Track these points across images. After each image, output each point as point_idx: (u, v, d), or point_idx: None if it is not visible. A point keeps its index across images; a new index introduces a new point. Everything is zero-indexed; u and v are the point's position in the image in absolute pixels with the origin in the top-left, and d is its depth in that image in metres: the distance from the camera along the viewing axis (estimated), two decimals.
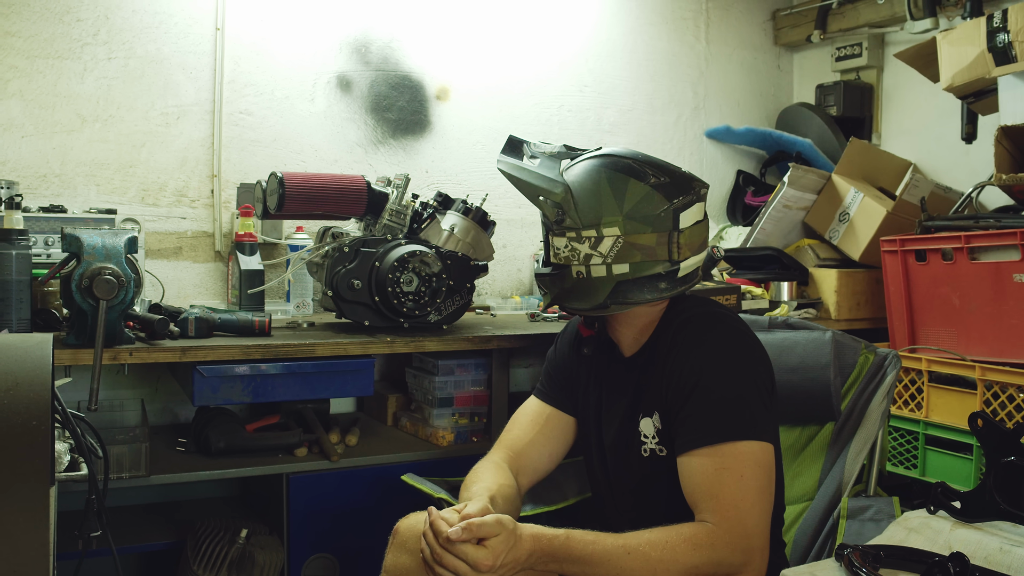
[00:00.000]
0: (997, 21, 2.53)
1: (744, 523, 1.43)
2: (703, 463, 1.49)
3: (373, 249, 2.29)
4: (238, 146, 2.89)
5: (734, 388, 1.52)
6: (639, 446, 1.66)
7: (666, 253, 1.58)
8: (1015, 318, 2.43)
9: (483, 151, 3.30)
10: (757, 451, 1.48)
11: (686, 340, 1.58)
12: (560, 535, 1.42)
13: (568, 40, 3.47)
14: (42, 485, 1.05)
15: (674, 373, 1.57)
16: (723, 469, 1.46)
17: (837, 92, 3.64)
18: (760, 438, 1.49)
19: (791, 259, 3.10)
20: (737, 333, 1.60)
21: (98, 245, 1.91)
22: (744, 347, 1.58)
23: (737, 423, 1.49)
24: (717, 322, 1.60)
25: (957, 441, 2.47)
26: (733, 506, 1.44)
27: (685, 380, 1.55)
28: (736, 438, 1.48)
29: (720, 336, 1.58)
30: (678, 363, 1.57)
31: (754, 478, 1.46)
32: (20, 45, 2.60)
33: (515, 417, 1.85)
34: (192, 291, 2.84)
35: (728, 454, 1.47)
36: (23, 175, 2.60)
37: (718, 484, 1.46)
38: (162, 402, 2.75)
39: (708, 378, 1.53)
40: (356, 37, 3.07)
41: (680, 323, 1.61)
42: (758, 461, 1.48)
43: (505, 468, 1.70)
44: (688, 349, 1.57)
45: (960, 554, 1.11)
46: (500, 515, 1.40)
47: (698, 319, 1.60)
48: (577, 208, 1.57)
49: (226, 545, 2.22)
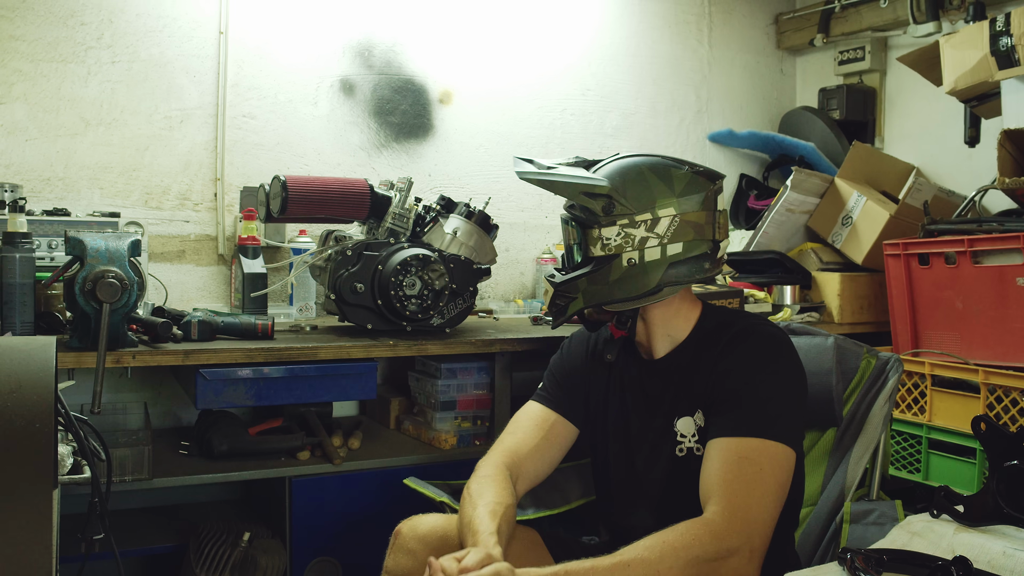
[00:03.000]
0: (1000, 25, 2.53)
1: (749, 510, 1.46)
2: (728, 448, 1.54)
3: (376, 253, 2.29)
4: (241, 149, 2.90)
5: (776, 394, 1.59)
6: (674, 446, 1.68)
7: (711, 232, 1.67)
8: (1018, 322, 2.43)
9: (486, 155, 3.30)
10: (781, 452, 1.54)
11: (746, 350, 1.64)
12: (559, 571, 1.41)
13: (571, 44, 3.47)
14: (45, 488, 1.05)
15: (727, 377, 1.62)
16: (745, 459, 1.51)
17: (840, 96, 3.64)
18: (788, 443, 1.55)
19: (794, 263, 3.09)
20: (792, 353, 1.66)
21: (101, 248, 1.92)
22: (794, 366, 1.65)
23: (771, 423, 1.54)
24: (778, 341, 1.67)
25: (960, 445, 2.47)
26: (744, 492, 1.48)
27: (736, 382, 1.60)
28: (766, 436, 1.53)
29: (778, 353, 1.65)
30: (732, 366, 1.63)
31: (772, 475, 1.51)
32: (24, 49, 2.60)
33: (516, 420, 1.85)
34: (195, 294, 2.84)
35: (755, 448, 1.52)
36: (27, 178, 2.60)
37: (736, 470, 1.50)
38: (165, 405, 2.75)
39: (755, 382, 1.59)
40: (359, 41, 3.07)
41: (740, 334, 1.66)
42: (780, 462, 1.53)
43: (506, 477, 1.69)
44: (745, 357, 1.63)
45: (963, 558, 1.11)
46: (498, 566, 1.39)
47: (759, 335, 1.66)
48: (627, 196, 1.63)
49: (228, 548, 2.22)
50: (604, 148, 3.49)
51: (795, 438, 1.59)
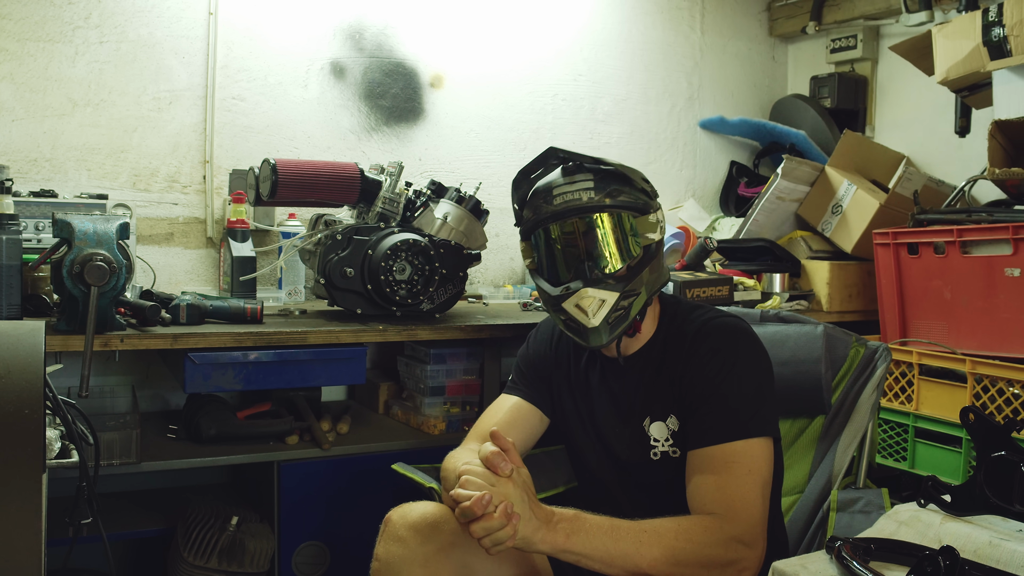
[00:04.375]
0: (993, 15, 2.52)
1: (750, 512, 1.49)
2: (714, 457, 1.55)
3: (366, 237, 2.28)
4: (230, 132, 2.88)
5: (746, 391, 1.59)
6: (648, 450, 1.69)
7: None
8: (1006, 312, 2.44)
9: (477, 139, 3.29)
10: (764, 446, 1.56)
11: (708, 349, 1.63)
12: (570, 510, 1.45)
13: (563, 29, 3.45)
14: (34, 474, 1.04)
15: (696, 380, 1.62)
16: (733, 464, 1.53)
17: (831, 84, 3.64)
18: (767, 434, 1.57)
19: (783, 251, 3.10)
20: (753, 342, 1.66)
21: (89, 231, 1.90)
22: (758, 354, 1.65)
23: (749, 422, 1.56)
24: (737, 332, 1.66)
25: (946, 434, 2.48)
26: (740, 497, 1.50)
27: (705, 386, 1.61)
28: (747, 436, 1.55)
29: (740, 346, 1.64)
30: (698, 369, 1.63)
31: (759, 472, 1.54)
32: (11, 27, 2.57)
33: (489, 411, 1.86)
34: (183, 277, 2.82)
35: (740, 451, 1.54)
36: (13, 159, 2.58)
37: (728, 478, 1.52)
38: (153, 389, 2.74)
39: (727, 384, 1.59)
40: (350, 23, 3.05)
41: (699, 333, 1.66)
42: (764, 456, 1.55)
43: None
44: (710, 358, 1.62)
45: (950, 547, 1.11)
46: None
47: (717, 330, 1.65)
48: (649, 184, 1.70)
49: (216, 532, 2.22)
50: (596, 134, 3.48)
51: (772, 425, 1.60)
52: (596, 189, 1.62)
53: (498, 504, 1.35)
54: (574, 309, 1.62)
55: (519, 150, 3.33)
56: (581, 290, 1.60)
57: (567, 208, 1.62)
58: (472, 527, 1.34)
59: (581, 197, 1.62)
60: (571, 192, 1.62)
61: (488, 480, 1.39)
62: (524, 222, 1.72)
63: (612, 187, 1.63)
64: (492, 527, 1.33)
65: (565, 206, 1.62)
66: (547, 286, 1.67)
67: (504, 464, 1.41)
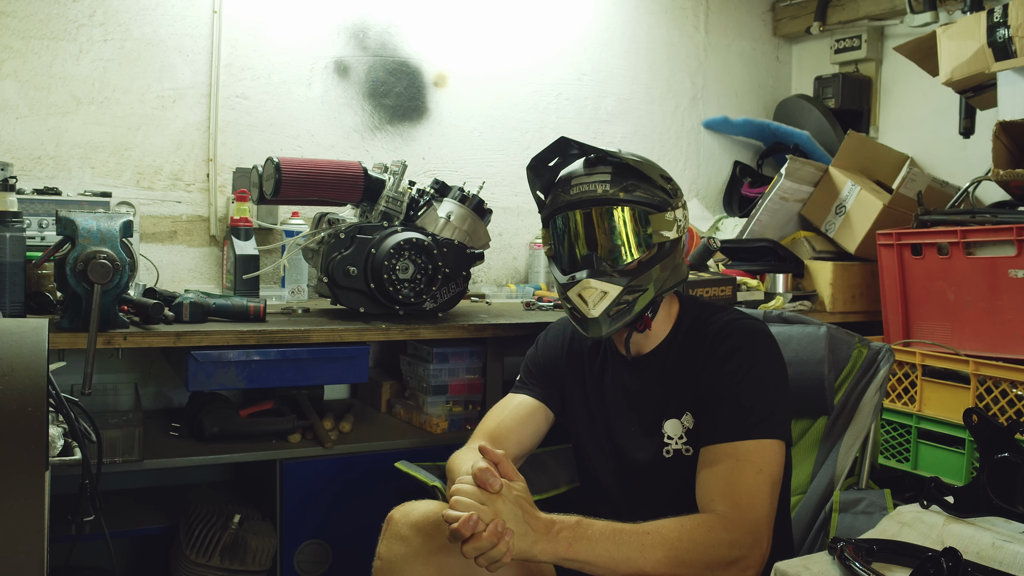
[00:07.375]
0: (997, 16, 2.52)
1: (756, 511, 1.49)
2: (726, 454, 1.55)
3: (369, 236, 2.28)
4: (234, 130, 2.88)
5: (764, 392, 1.60)
6: (661, 448, 1.68)
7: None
8: (1010, 313, 2.44)
9: (480, 139, 3.29)
10: (776, 448, 1.56)
11: (728, 348, 1.64)
12: (572, 517, 1.44)
13: (567, 28, 3.45)
14: (37, 471, 1.04)
15: (714, 378, 1.63)
16: (745, 462, 1.53)
17: (835, 84, 3.64)
18: (780, 437, 1.57)
19: (787, 251, 3.10)
20: (773, 346, 1.67)
21: (93, 229, 1.90)
22: (777, 358, 1.66)
23: (763, 423, 1.56)
24: (758, 334, 1.67)
25: (949, 435, 2.48)
26: (748, 495, 1.50)
27: (723, 384, 1.61)
28: (760, 436, 1.55)
29: (760, 348, 1.65)
30: (717, 367, 1.63)
31: (769, 473, 1.53)
32: (15, 25, 2.58)
33: (494, 410, 1.86)
34: (187, 275, 2.83)
35: (752, 449, 1.54)
36: (17, 157, 2.58)
37: (737, 474, 1.52)
38: (156, 386, 2.74)
39: (745, 384, 1.60)
40: (354, 22, 3.05)
41: (720, 333, 1.66)
42: (774, 458, 1.55)
43: None
44: (729, 357, 1.63)
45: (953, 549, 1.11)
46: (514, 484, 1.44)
47: (740, 331, 1.66)
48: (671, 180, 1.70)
49: (219, 530, 2.22)
50: (599, 134, 3.48)
51: (785, 429, 1.60)
52: (612, 183, 1.63)
53: (488, 523, 1.34)
54: (576, 298, 1.64)
55: (523, 149, 3.33)
56: (584, 280, 1.63)
57: (581, 199, 1.64)
58: (463, 548, 1.33)
59: (596, 189, 1.63)
60: (588, 183, 1.64)
61: (478, 498, 1.37)
62: (543, 208, 1.75)
63: (629, 182, 1.63)
64: (483, 547, 1.32)
65: (580, 196, 1.64)
66: (558, 273, 1.71)
67: (493, 480, 1.39)
